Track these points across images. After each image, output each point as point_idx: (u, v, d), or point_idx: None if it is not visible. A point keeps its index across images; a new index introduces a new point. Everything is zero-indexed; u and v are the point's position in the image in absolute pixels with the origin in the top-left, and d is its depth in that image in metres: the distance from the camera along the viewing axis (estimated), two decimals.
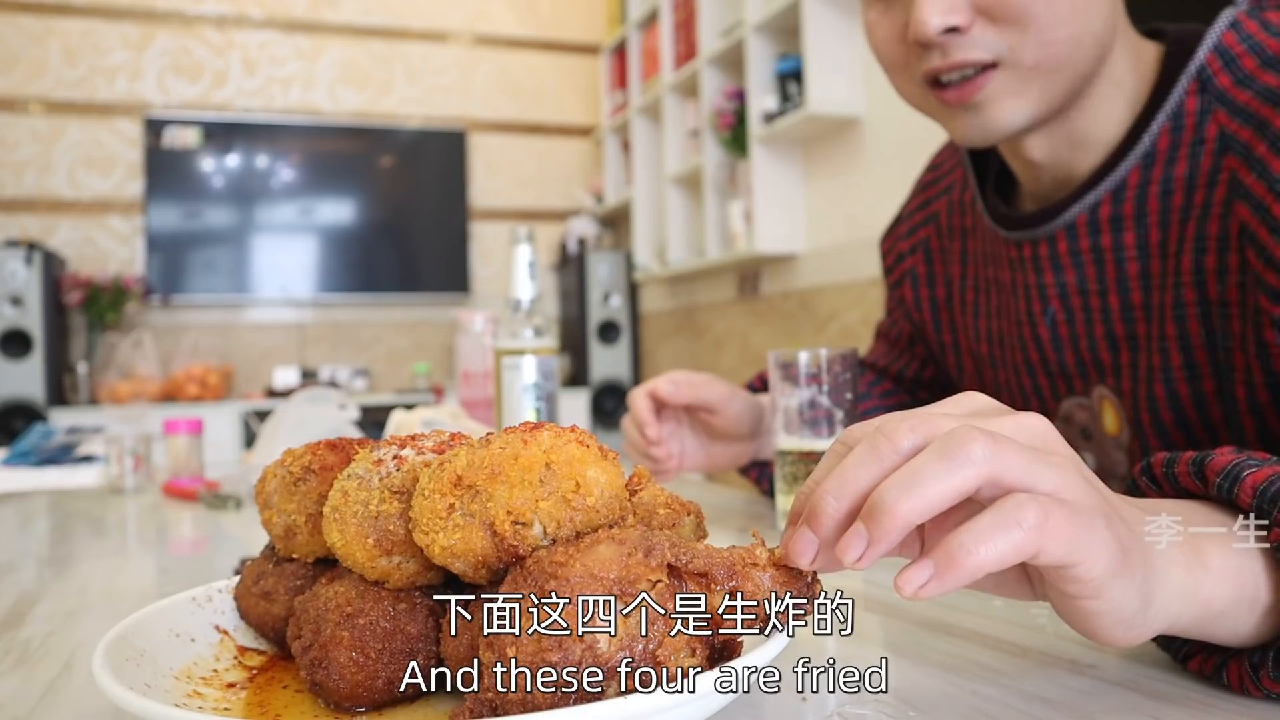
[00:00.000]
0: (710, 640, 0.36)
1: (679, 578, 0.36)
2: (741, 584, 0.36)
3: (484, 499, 0.37)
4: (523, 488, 0.37)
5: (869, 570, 0.39)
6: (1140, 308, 0.71)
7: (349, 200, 4.29)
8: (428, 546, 0.38)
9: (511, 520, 0.37)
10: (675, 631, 0.34)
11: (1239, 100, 0.63)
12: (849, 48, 2.80)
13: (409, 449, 0.43)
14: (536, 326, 1.08)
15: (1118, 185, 0.70)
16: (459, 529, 0.37)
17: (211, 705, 0.41)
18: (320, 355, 4.30)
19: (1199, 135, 0.65)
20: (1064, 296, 0.76)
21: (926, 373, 1.01)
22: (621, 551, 0.35)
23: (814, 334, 3.03)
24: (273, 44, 4.24)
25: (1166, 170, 0.67)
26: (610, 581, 0.34)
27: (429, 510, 0.37)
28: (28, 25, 3.89)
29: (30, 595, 0.71)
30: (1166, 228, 0.68)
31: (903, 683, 0.46)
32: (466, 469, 0.37)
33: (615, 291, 4.18)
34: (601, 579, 0.34)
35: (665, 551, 0.35)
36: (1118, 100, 0.70)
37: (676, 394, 0.91)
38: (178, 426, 1.40)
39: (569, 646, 0.33)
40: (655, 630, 0.34)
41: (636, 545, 0.35)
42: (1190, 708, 0.41)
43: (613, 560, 0.34)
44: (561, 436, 0.38)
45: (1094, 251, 0.73)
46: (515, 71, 4.58)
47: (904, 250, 0.99)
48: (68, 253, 3.90)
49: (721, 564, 0.36)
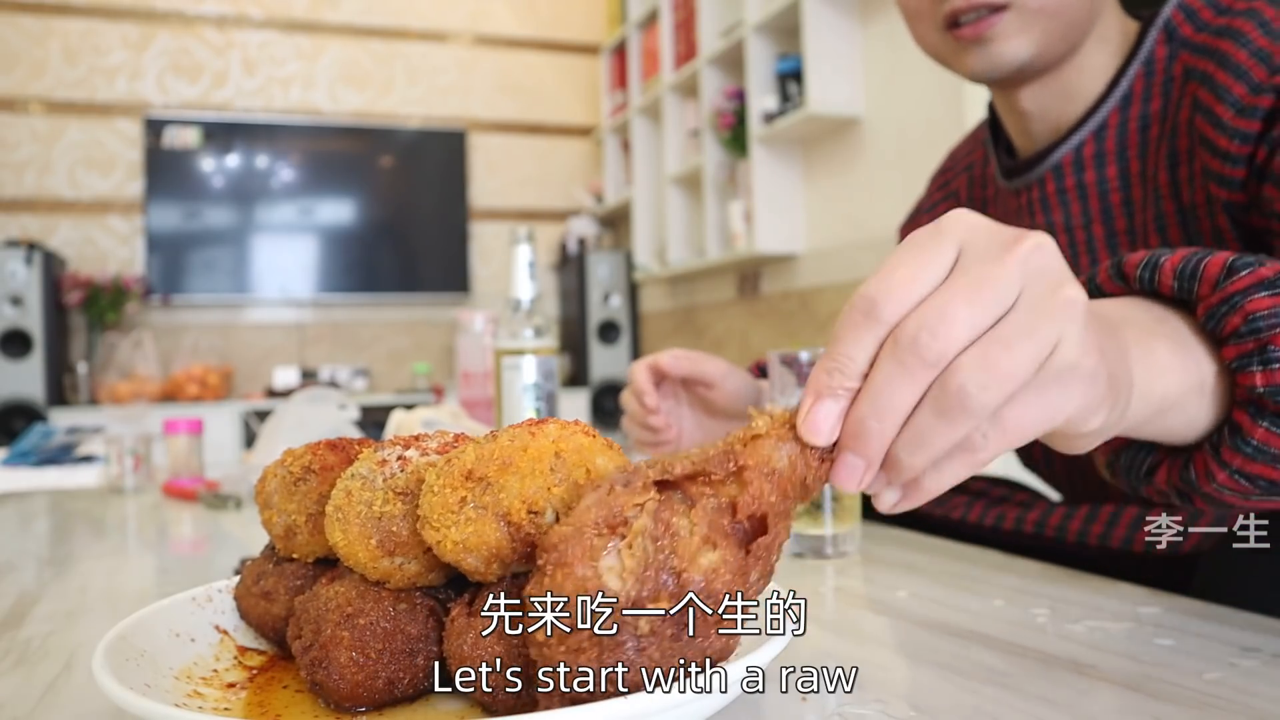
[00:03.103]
0: (731, 526, 0.34)
1: (673, 488, 0.34)
2: (746, 459, 0.34)
3: (496, 490, 0.37)
4: (534, 477, 0.37)
5: (869, 571, 0.39)
6: (1124, 233, 0.77)
7: (349, 200, 4.29)
8: (439, 543, 0.37)
9: (526, 509, 0.36)
10: (684, 536, 0.33)
11: (1198, 41, 0.73)
12: (849, 48, 2.80)
13: (413, 450, 0.43)
14: (536, 326, 1.08)
15: (1099, 126, 0.78)
16: (471, 522, 0.37)
17: (211, 705, 0.41)
18: (320, 355, 4.30)
19: (1168, 74, 0.75)
20: (1052, 235, 0.80)
21: None
22: (599, 494, 0.33)
23: (814, 334, 3.03)
24: (273, 44, 4.24)
25: (1143, 108, 0.76)
26: (597, 525, 0.32)
27: (439, 505, 0.37)
28: (28, 25, 3.89)
29: (30, 595, 0.71)
30: (1145, 158, 0.76)
31: (903, 683, 0.46)
32: (476, 462, 0.37)
33: (615, 291, 4.18)
34: (592, 524, 0.32)
35: (646, 473, 0.34)
36: (1102, 57, 0.78)
37: (676, 366, 0.94)
38: (178, 426, 1.40)
39: (584, 605, 0.31)
40: (664, 545, 0.32)
41: (612, 481, 0.34)
42: (1190, 708, 0.41)
43: (590, 505, 0.33)
44: (568, 428, 0.39)
45: (1079, 189, 0.80)
46: (515, 71, 4.58)
47: (923, 224, 1.01)
48: (68, 253, 3.90)
49: (715, 456, 0.34)
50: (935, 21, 0.77)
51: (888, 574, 0.68)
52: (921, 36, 0.81)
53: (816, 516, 0.74)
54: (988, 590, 0.62)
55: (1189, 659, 0.47)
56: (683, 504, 0.34)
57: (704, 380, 0.94)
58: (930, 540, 0.81)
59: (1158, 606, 0.57)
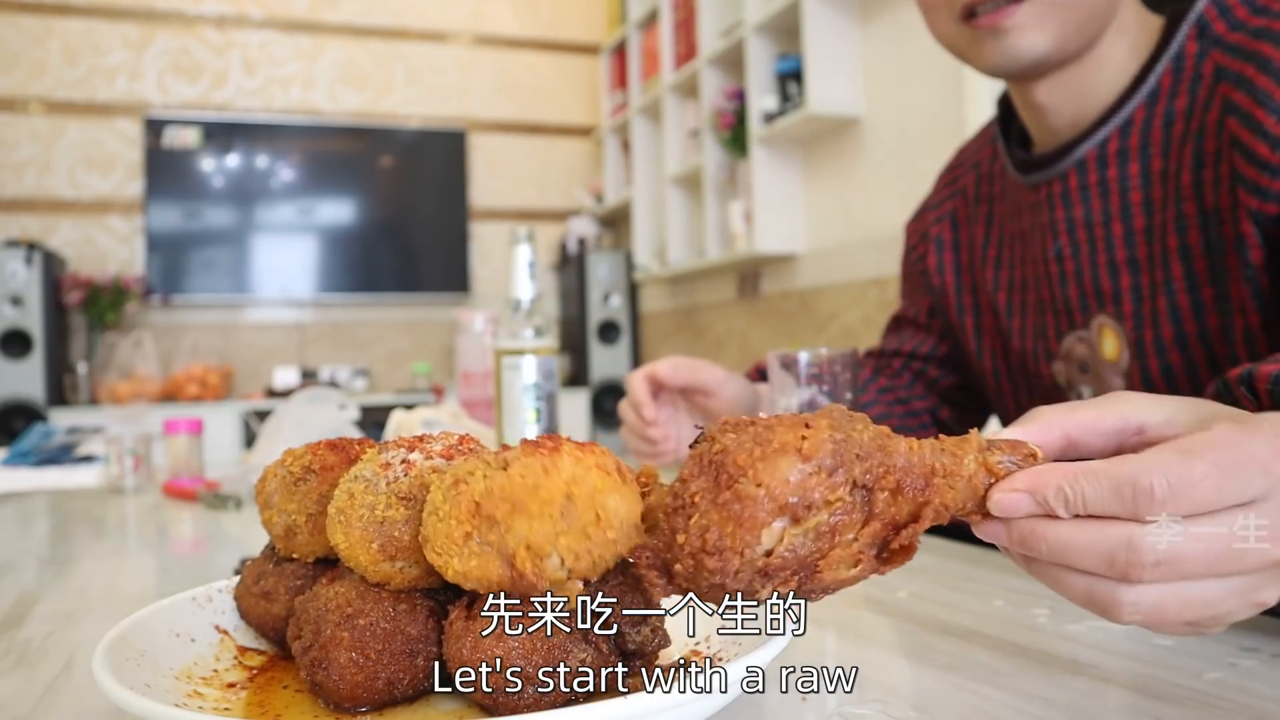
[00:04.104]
0: (881, 546, 0.36)
1: (865, 490, 0.35)
2: (933, 496, 0.35)
3: (502, 530, 0.36)
4: (542, 521, 0.36)
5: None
6: (1142, 231, 0.77)
7: (349, 200, 4.29)
8: (441, 567, 0.37)
9: (531, 554, 0.36)
10: (842, 546, 0.34)
11: (1232, 40, 0.72)
12: (849, 48, 2.80)
13: (417, 453, 0.43)
14: (536, 326, 1.08)
15: (1124, 122, 0.77)
16: (475, 556, 0.36)
17: (211, 705, 0.41)
18: (320, 355, 4.30)
19: (1197, 72, 0.73)
20: (1071, 231, 0.81)
21: (942, 349, 1.02)
22: (804, 471, 0.33)
23: (814, 334, 3.02)
24: (273, 44, 4.24)
25: (1169, 105, 0.75)
26: (785, 506, 0.33)
27: (444, 533, 0.37)
28: (28, 25, 3.89)
29: (30, 595, 0.71)
30: (1167, 156, 0.75)
31: (903, 683, 0.46)
32: (485, 496, 0.36)
33: (615, 291, 4.18)
34: (778, 499, 0.33)
35: (854, 467, 0.34)
36: (1121, 51, 0.77)
37: (673, 375, 0.93)
38: (178, 426, 1.40)
39: (728, 558, 0.33)
40: (822, 545, 0.34)
41: (821, 464, 0.34)
42: (1190, 708, 0.41)
43: (793, 483, 0.33)
44: (583, 463, 0.37)
45: (1100, 185, 0.79)
46: (515, 71, 4.58)
47: (929, 222, 1.03)
48: (68, 253, 3.90)
49: (916, 474, 0.35)
50: (951, 12, 0.77)
51: (888, 574, 0.68)
52: (937, 28, 0.80)
53: None
54: (988, 590, 0.62)
55: (1189, 659, 0.47)
56: (861, 515, 0.35)
57: (702, 388, 0.93)
58: (930, 540, 0.81)
59: None
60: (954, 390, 1.02)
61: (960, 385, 1.02)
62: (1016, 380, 0.91)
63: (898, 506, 0.35)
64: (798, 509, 0.33)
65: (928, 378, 1.02)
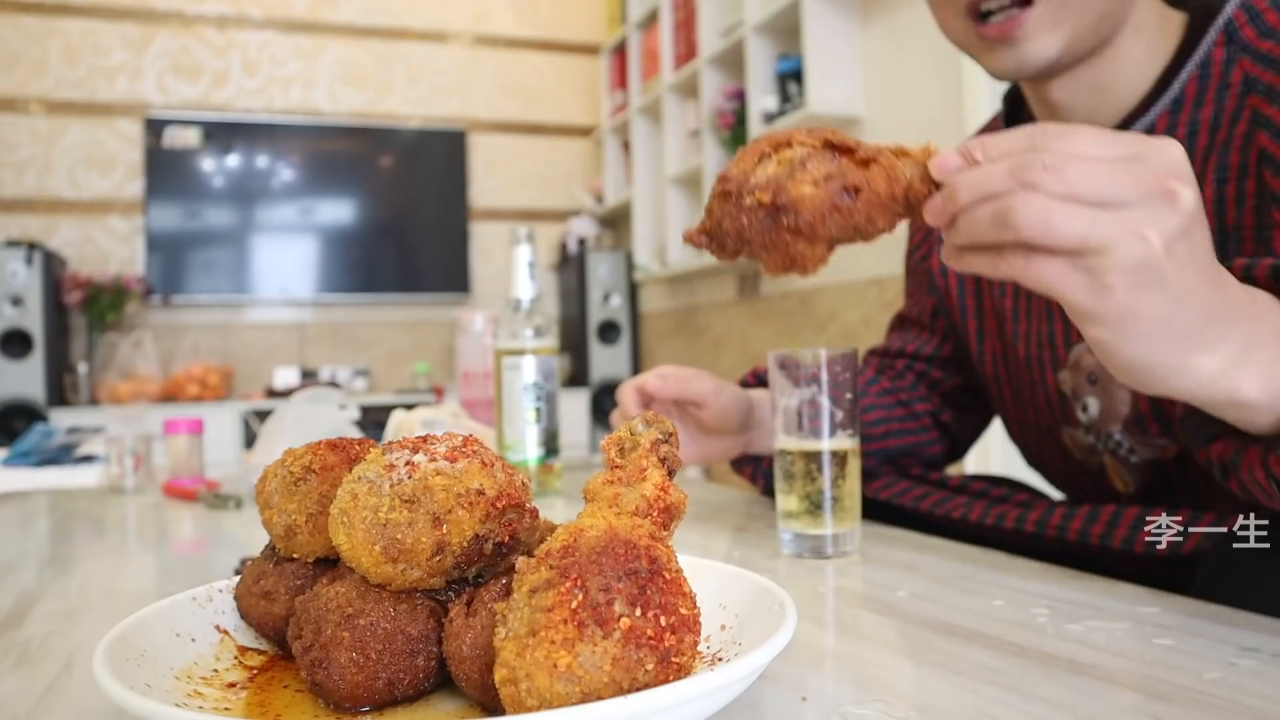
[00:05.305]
0: (839, 187, 0.46)
1: (833, 149, 0.47)
2: (883, 159, 0.46)
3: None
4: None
5: (869, 571, 0.39)
6: None
7: (349, 200, 4.29)
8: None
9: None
10: (805, 172, 0.46)
11: (1262, 49, 0.69)
12: (849, 48, 2.80)
13: (421, 454, 0.42)
14: (536, 326, 1.08)
15: (1147, 129, 0.74)
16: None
17: (212, 705, 0.41)
18: (320, 355, 4.30)
19: (1225, 81, 0.71)
20: None
21: (945, 350, 1.01)
22: (789, 131, 0.49)
23: (814, 334, 3.03)
24: (273, 44, 4.24)
25: (1193, 114, 0.72)
26: (772, 139, 0.48)
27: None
28: (28, 25, 3.89)
29: (30, 595, 0.71)
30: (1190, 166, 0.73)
31: (903, 683, 0.46)
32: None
33: (615, 291, 4.18)
34: (764, 140, 0.48)
35: (824, 132, 0.47)
36: (1140, 50, 0.75)
37: (664, 389, 0.91)
38: (178, 426, 1.40)
39: (733, 174, 0.48)
40: (791, 173, 0.47)
41: (802, 128, 0.48)
42: (1190, 708, 0.41)
43: (777, 132, 0.49)
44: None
45: None
46: (515, 71, 4.58)
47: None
48: (68, 253, 3.90)
49: (869, 145, 0.46)
50: (959, 9, 0.75)
51: (888, 574, 0.68)
52: (946, 23, 0.79)
53: (817, 516, 0.74)
54: (988, 590, 0.62)
55: (1189, 659, 0.47)
56: (826, 159, 0.47)
57: (693, 400, 0.92)
58: (930, 540, 0.81)
59: (1158, 606, 0.57)
60: (957, 392, 1.02)
61: (963, 387, 1.01)
62: (1018, 386, 0.91)
63: (855, 161, 0.47)
64: (778, 142, 0.48)
65: (930, 379, 1.02)
